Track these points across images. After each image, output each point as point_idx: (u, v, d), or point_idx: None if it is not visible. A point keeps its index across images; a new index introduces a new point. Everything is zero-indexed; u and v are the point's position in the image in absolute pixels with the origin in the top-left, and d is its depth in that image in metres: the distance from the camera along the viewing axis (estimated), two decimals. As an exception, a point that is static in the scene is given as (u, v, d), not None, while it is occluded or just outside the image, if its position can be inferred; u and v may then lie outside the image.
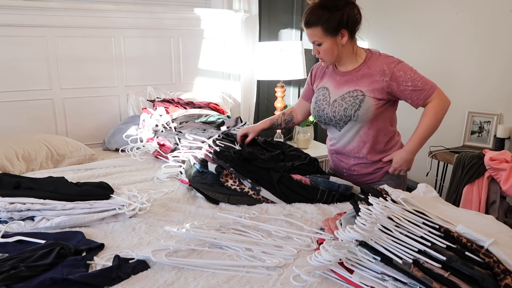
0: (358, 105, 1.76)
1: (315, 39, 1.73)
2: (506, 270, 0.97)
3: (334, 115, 1.83)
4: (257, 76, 3.27)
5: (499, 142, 2.63)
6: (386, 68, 1.74)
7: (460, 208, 1.35)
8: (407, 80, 1.73)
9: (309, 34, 1.75)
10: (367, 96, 1.76)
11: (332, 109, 1.83)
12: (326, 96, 1.87)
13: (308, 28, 1.73)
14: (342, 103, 1.80)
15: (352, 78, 1.80)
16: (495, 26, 2.65)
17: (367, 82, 1.77)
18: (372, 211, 1.13)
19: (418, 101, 1.76)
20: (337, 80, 1.85)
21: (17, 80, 2.62)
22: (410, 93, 1.74)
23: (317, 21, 1.69)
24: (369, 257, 1.07)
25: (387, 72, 1.74)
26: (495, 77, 2.69)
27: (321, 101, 1.88)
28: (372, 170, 1.91)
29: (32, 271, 1.15)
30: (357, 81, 1.79)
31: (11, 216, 1.49)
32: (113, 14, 2.80)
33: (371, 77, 1.76)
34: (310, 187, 1.71)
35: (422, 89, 1.74)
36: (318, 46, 1.76)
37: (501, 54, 2.64)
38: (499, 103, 2.70)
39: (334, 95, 1.84)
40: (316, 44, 1.76)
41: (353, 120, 1.80)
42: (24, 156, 2.17)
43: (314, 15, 1.69)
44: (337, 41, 1.73)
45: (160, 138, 2.42)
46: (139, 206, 1.61)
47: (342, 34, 1.72)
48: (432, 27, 3.01)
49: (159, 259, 1.23)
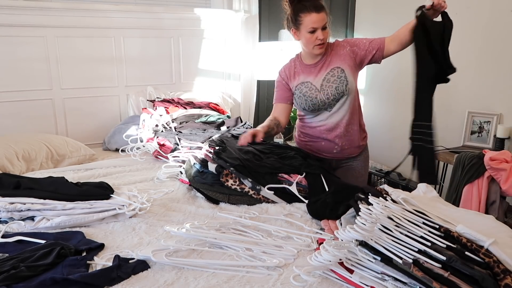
0: (345, 79, 1.94)
1: (325, 21, 1.86)
2: (506, 270, 0.97)
3: (328, 97, 1.97)
4: (257, 76, 3.27)
5: (499, 142, 2.63)
6: (342, 43, 2.01)
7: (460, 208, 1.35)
8: (360, 40, 1.99)
9: (320, 18, 1.84)
10: (345, 69, 1.95)
11: (324, 92, 1.97)
12: (311, 87, 2.00)
13: (320, 12, 1.84)
14: (331, 84, 1.95)
15: (324, 63, 1.99)
16: (495, 26, 2.65)
17: (338, 60, 1.97)
18: (372, 211, 1.13)
19: (380, 44, 1.92)
20: (312, 71, 2.01)
21: (17, 80, 2.62)
22: (370, 44, 1.94)
23: (324, 7, 1.85)
24: (369, 257, 1.07)
25: (345, 45, 1.99)
26: (495, 77, 2.69)
27: (308, 93, 2.00)
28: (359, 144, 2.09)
29: (32, 271, 1.16)
30: (329, 62, 1.98)
31: (11, 216, 1.49)
32: (113, 14, 2.81)
33: (337, 55, 1.98)
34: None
35: (375, 38, 1.95)
36: (324, 31, 1.87)
37: (501, 54, 2.64)
38: (499, 103, 2.70)
39: (317, 82, 1.99)
40: (323, 28, 1.87)
41: (346, 94, 1.96)
42: (24, 156, 2.17)
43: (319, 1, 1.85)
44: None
45: (160, 138, 2.42)
46: (139, 206, 1.61)
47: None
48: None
49: (159, 259, 1.23)
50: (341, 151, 2.07)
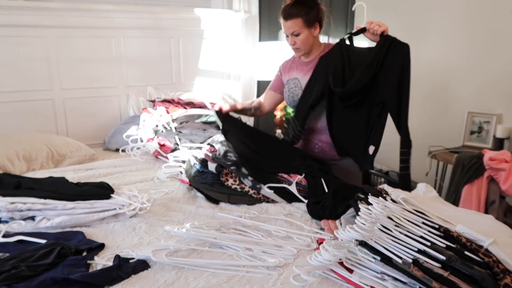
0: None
1: (295, 29, 1.94)
2: (506, 270, 0.97)
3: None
4: (257, 76, 3.27)
5: (498, 142, 2.63)
6: None
7: (459, 208, 1.35)
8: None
9: (289, 25, 1.95)
10: None
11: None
12: (297, 84, 2.09)
13: (289, 20, 1.94)
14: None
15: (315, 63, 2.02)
16: (495, 26, 2.65)
17: None
18: (372, 211, 1.13)
19: None
20: (304, 69, 2.08)
21: (18, 81, 2.62)
22: None
23: (297, 13, 1.92)
24: (369, 256, 1.07)
25: None
26: (495, 78, 2.69)
27: (293, 89, 2.10)
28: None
29: (33, 270, 1.16)
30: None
31: (12, 216, 1.49)
32: (114, 15, 2.81)
33: None
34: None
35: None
36: (295, 37, 1.97)
37: (501, 55, 2.64)
38: (499, 103, 2.70)
39: (304, 81, 2.05)
40: (294, 34, 1.96)
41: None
42: (24, 156, 2.18)
43: (294, 8, 1.93)
44: (312, 33, 1.98)
45: (160, 138, 2.42)
46: (140, 206, 1.61)
47: (315, 27, 1.98)
48: (432, 27, 3.01)
49: (159, 259, 1.23)
50: (322, 152, 2.11)
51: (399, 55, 1.75)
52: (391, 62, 1.77)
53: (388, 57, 1.77)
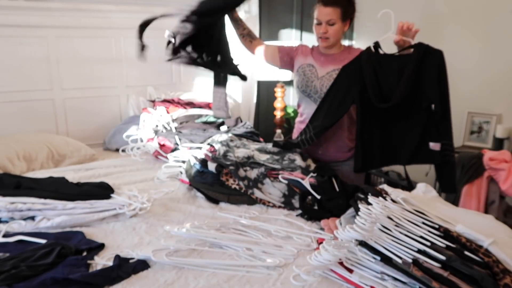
0: None
1: (332, 17, 1.89)
2: (505, 270, 0.97)
3: (321, 88, 2.00)
4: (257, 77, 3.27)
5: (498, 142, 2.63)
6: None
7: (459, 208, 1.35)
8: None
9: (327, 12, 1.88)
10: None
11: (321, 82, 2.01)
12: (313, 72, 2.05)
13: (328, 6, 1.88)
14: (331, 79, 1.96)
15: (336, 59, 2.01)
16: (495, 26, 2.65)
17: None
18: (371, 211, 1.13)
19: None
20: (322, 60, 2.05)
21: (18, 81, 2.62)
22: None
23: (339, 2, 1.88)
24: (368, 256, 1.07)
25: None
26: (495, 77, 2.69)
27: (309, 75, 2.05)
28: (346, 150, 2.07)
29: (33, 270, 1.16)
30: (341, 61, 1.97)
31: (12, 216, 1.49)
32: (114, 15, 2.80)
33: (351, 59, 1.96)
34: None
35: None
36: (330, 26, 1.91)
37: (501, 54, 2.64)
38: (499, 103, 2.70)
39: (321, 71, 2.03)
40: (329, 23, 1.90)
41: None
42: (25, 156, 2.18)
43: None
44: (343, 27, 1.95)
45: (160, 138, 2.42)
46: (140, 206, 1.61)
47: (347, 23, 1.95)
48: (432, 27, 3.01)
49: (159, 259, 1.23)
50: (325, 154, 2.07)
51: (435, 62, 1.81)
52: (429, 69, 1.80)
53: (425, 65, 1.80)
